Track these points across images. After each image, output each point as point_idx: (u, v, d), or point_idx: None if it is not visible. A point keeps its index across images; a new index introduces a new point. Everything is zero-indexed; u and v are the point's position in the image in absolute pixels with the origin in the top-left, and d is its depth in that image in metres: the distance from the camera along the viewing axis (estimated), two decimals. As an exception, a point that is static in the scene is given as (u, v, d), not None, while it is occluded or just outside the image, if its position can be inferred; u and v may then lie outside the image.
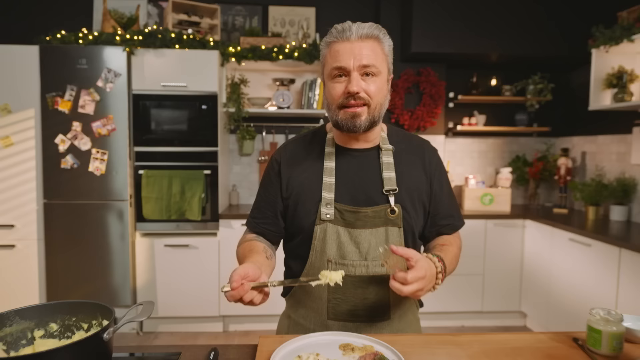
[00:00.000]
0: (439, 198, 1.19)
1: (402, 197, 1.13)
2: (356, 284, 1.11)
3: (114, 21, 3.19)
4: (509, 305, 3.42)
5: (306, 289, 1.16)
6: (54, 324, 0.94)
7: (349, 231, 1.11)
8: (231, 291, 0.92)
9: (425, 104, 3.68)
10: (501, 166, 3.94)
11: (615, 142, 3.32)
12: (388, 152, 1.16)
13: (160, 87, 3.07)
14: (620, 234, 2.66)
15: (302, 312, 1.19)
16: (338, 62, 1.05)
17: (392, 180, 1.13)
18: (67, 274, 3.02)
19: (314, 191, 1.13)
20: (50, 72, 2.95)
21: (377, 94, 1.07)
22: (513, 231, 3.37)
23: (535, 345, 1.02)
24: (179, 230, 3.13)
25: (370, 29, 1.06)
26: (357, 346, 0.96)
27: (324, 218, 1.11)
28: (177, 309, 3.17)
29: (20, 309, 0.91)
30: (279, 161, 1.20)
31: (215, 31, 3.36)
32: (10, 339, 0.89)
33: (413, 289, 0.93)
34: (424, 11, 3.37)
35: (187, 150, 3.12)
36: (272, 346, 0.96)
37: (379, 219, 1.11)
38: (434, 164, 1.20)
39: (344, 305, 1.12)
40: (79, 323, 0.95)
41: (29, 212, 3.01)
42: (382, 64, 1.08)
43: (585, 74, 3.41)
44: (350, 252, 1.11)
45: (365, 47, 1.05)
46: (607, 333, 0.95)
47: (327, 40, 1.09)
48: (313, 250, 1.13)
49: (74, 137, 2.97)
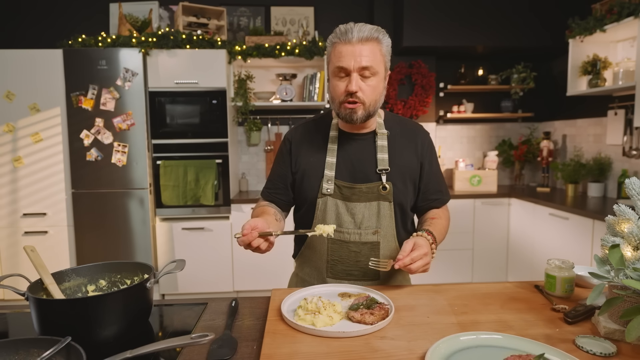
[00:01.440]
0: (428, 176, 1.31)
1: (393, 176, 1.24)
2: (350, 248, 1.25)
3: (130, 25, 3.31)
4: (497, 277, 3.56)
5: (311, 252, 1.31)
6: (103, 280, 1.08)
7: (346, 204, 1.24)
8: (242, 237, 1.05)
9: (417, 94, 3.79)
10: (488, 150, 4.05)
11: (592, 125, 3.43)
12: (383, 136, 1.26)
13: (174, 84, 3.19)
14: (595, 208, 2.79)
15: (307, 271, 1.34)
16: (340, 63, 1.14)
17: (384, 161, 1.24)
18: (95, 256, 3.18)
19: (317, 169, 1.26)
20: (74, 73, 3.07)
21: (372, 93, 1.16)
22: (499, 209, 3.50)
23: (502, 291, 1.15)
24: (195, 214, 3.28)
25: (371, 32, 1.13)
26: (353, 293, 1.11)
27: (324, 192, 1.24)
28: (195, 286, 3.33)
29: (76, 267, 1.06)
30: (290, 140, 1.33)
31: (222, 31, 3.47)
32: (69, 292, 1.04)
33: (421, 264, 1.08)
34: (414, 7, 3.46)
35: (200, 141, 3.26)
36: (282, 296, 1.10)
37: (372, 194, 1.23)
38: (425, 146, 1.31)
39: (340, 265, 1.26)
40: (124, 279, 1.09)
41: (59, 201, 3.16)
42: (380, 65, 1.15)
43: (564, 62, 3.51)
44: (347, 222, 1.24)
45: (365, 50, 1.12)
46: (560, 278, 1.08)
47: (332, 40, 1.17)
48: (316, 219, 1.26)
49: (97, 132, 3.10)
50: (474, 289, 1.17)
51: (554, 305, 1.02)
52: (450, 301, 1.08)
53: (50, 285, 0.97)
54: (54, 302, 0.88)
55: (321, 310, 0.94)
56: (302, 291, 1.12)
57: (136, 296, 0.94)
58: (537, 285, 1.18)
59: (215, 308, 1.11)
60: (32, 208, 3.14)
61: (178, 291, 3.32)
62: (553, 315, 0.98)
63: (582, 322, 0.94)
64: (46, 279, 0.97)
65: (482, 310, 1.02)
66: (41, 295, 0.96)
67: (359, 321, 0.93)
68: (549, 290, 1.11)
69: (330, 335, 0.88)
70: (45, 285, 0.97)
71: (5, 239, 3.15)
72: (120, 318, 0.90)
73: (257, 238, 1.05)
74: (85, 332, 0.86)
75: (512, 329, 0.91)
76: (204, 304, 1.14)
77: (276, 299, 1.09)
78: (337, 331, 0.89)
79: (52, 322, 0.86)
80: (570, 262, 1.11)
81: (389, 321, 0.94)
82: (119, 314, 0.90)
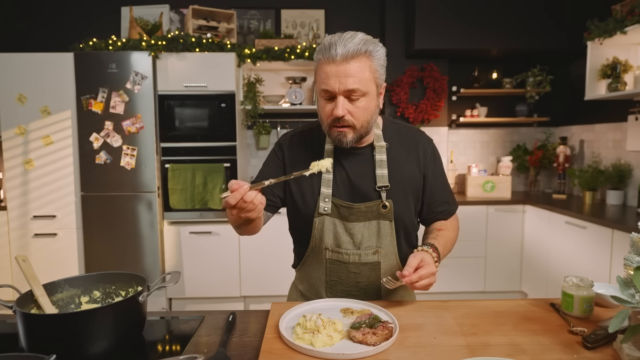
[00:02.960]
0: (433, 187, 1.22)
1: (394, 192, 1.15)
2: (350, 269, 1.17)
3: (140, 28, 3.31)
4: (510, 286, 3.45)
5: (309, 269, 1.24)
6: (97, 291, 1.05)
7: (344, 224, 1.16)
8: (231, 193, 0.90)
9: (429, 97, 3.71)
10: (502, 155, 3.95)
11: (611, 130, 3.31)
12: (381, 150, 1.17)
13: (183, 88, 3.18)
14: (614, 216, 2.68)
15: (307, 287, 1.27)
16: (325, 85, 1.04)
17: (384, 177, 1.15)
18: (104, 259, 3.17)
19: (313, 185, 1.17)
20: (84, 76, 3.08)
21: (362, 115, 1.07)
22: (513, 216, 3.40)
23: (515, 309, 1.08)
24: (203, 218, 3.26)
25: (357, 45, 1.01)
26: (356, 310, 1.05)
27: (321, 212, 1.16)
28: (202, 290, 3.30)
29: (69, 278, 1.02)
30: (283, 148, 1.24)
31: (231, 34, 3.45)
32: (62, 303, 1.00)
33: (425, 283, 1.01)
34: (426, 10, 3.39)
35: (208, 145, 3.23)
36: (282, 310, 1.05)
37: (371, 213, 1.15)
38: (428, 155, 1.21)
39: (339, 286, 1.20)
40: (118, 291, 1.05)
41: (69, 204, 3.17)
42: (369, 84, 1.05)
43: (582, 65, 3.40)
44: (345, 242, 1.16)
45: (351, 69, 1.01)
46: (579, 297, 1.01)
47: (317, 57, 1.07)
48: (313, 239, 1.19)
49: (106, 135, 3.10)
50: (485, 306, 1.10)
51: (572, 327, 0.95)
52: (459, 320, 1.02)
53: (41, 297, 0.94)
54: (40, 318, 0.84)
55: (320, 329, 0.89)
56: (302, 306, 1.07)
57: (128, 310, 0.90)
58: (553, 304, 1.10)
59: (212, 322, 1.07)
60: (42, 210, 3.16)
61: (185, 295, 3.30)
62: (570, 339, 0.91)
63: (602, 347, 0.87)
64: (37, 291, 0.94)
65: (493, 331, 0.95)
66: (31, 307, 0.93)
67: (361, 341, 0.87)
68: (566, 309, 1.04)
69: (329, 357, 0.83)
70: (35, 297, 0.94)
71: (15, 240, 3.17)
72: (111, 333, 0.86)
73: (249, 191, 0.91)
74: (74, 348, 0.83)
75: (525, 354, 0.85)
76: (200, 317, 1.09)
77: (275, 314, 1.04)
78: (337, 353, 0.83)
79: (39, 337, 0.83)
80: (589, 280, 1.04)
81: (392, 342, 0.89)
82: (110, 329, 0.86)
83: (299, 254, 1.28)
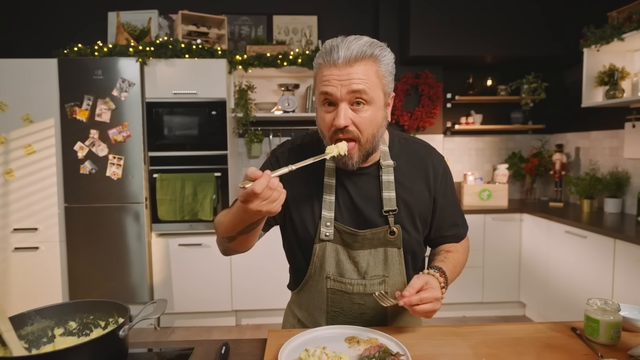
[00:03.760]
0: (443, 211, 1.11)
1: (402, 217, 1.04)
2: (354, 300, 1.06)
3: (127, 33, 3.20)
4: (508, 296, 3.38)
5: (309, 297, 1.11)
6: (73, 322, 0.93)
7: (348, 251, 1.05)
8: (254, 180, 0.78)
9: (424, 105, 3.65)
10: (498, 163, 3.90)
11: (607, 138, 3.27)
12: (389, 170, 1.05)
13: (172, 95, 3.07)
14: (614, 225, 2.62)
15: (305, 315, 1.15)
16: (325, 88, 0.92)
17: (392, 200, 1.03)
18: (88, 274, 3.03)
19: (314, 207, 1.05)
20: (69, 83, 2.96)
21: (368, 127, 0.93)
22: (511, 225, 3.34)
23: (535, 335, 0.99)
24: (192, 230, 3.13)
25: (362, 48, 0.90)
26: (362, 339, 0.95)
27: (323, 237, 1.04)
28: (192, 305, 3.17)
29: (40, 308, 0.91)
30: (279, 161, 1.10)
31: (222, 41, 3.36)
32: (32, 337, 0.89)
33: (428, 308, 0.90)
34: (421, 16, 3.34)
35: (199, 154, 3.12)
36: (280, 340, 0.95)
37: (377, 240, 1.04)
38: (439, 175, 1.09)
39: (342, 317, 1.08)
40: (97, 321, 0.94)
41: (51, 216, 3.02)
42: (376, 90, 0.92)
43: (577, 72, 3.38)
44: (349, 271, 1.05)
45: (354, 73, 0.89)
46: (605, 322, 0.93)
47: (317, 61, 0.95)
48: (312, 266, 1.07)
49: (91, 144, 2.97)
50: (502, 331, 1.01)
51: (600, 356, 0.86)
52: (476, 349, 0.92)
53: (6, 332, 0.82)
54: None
55: (325, 366, 0.79)
56: (302, 335, 0.96)
57: (107, 347, 0.79)
58: (575, 328, 1.02)
59: (202, 354, 0.96)
60: (23, 223, 3.00)
61: (174, 310, 3.16)
62: (602, 372, 0.83)
63: (638, 381, 0.79)
64: (2, 326, 0.82)
65: (516, 362, 0.86)
66: (-5, 344, 0.81)
67: (371, 380, 0.78)
68: (590, 335, 0.95)
69: (337, 401, 0.73)
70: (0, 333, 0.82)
71: (-6, 255, 3.01)
72: (86, 374, 0.75)
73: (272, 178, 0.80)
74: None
75: (556, 392, 0.75)
76: (190, 349, 0.98)
77: (273, 345, 0.94)
78: (345, 395, 0.73)
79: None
80: (616, 304, 0.95)
81: (406, 379, 0.79)
82: (85, 369, 0.75)
83: (296, 279, 1.16)
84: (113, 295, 3.02)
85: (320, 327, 1.00)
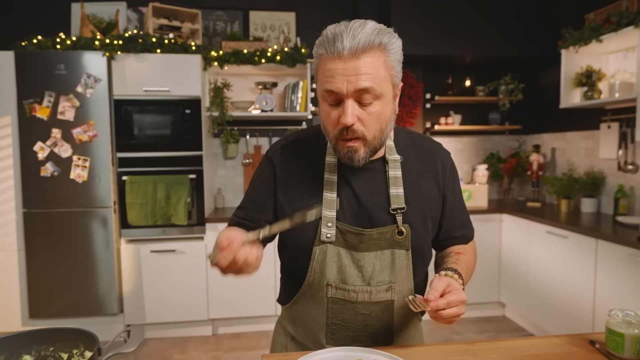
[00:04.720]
0: (452, 209, 1.03)
1: (410, 216, 0.95)
2: (358, 310, 0.95)
3: (93, 26, 2.97)
4: (488, 297, 3.36)
5: (305, 309, 1.00)
6: (28, 355, 0.78)
7: (351, 253, 0.94)
8: (221, 253, 0.78)
9: (404, 104, 3.59)
10: (477, 163, 3.89)
11: (583, 138, 3.31)
12: (395, 164, 0.96)
13: (142, 92, 2.87)
14: (594, 225, 2.63)
15: (301, 331, 1.03)
16: (328, 85, 0.83)
17: (399, 197, 0.94)
18: (50, 285, 2.79)
19: (313, 206, 0.92)
20: (27, 78, 2.71)
21: (375, 123, 0.86)
22: (491, 225, 3.32)
23: (553, 350, 0.91)
24: (165, 235, 2.94)
25: (370, 37, 0.80)
26: (370, 363, 0.84)
27: (324, 239, 0.93)
28: (166, 315, 2.98)
29: (-12, 341, 0.75)
30: (273, 162, 1.00)
31: (196, 36, 3.18)
32: (-24, 377, 0.73)
33: (454, 312, 0.81)
34: (402, 14, 3.28)
35: (171, 155, 2.94)
36: (277, 367, 0.82)
37: (384, 241, 0.94)
38: (447, 171, 1.02)
39: (344, 331, 0.97)
40: (58, 353, 0.79)
41: (8, 222, 2.77)
42: (385, 84, 0.84)
43: (553, 73, 3.40)
44: (352, 276, 0.94)
45: (362, 66, 0.81)
46: (630, 336, 0.85)
47: (318, 51, 0.86)
48: (311, 272, 0.95)
49: (53, 144, 2.74)
50: (519, 348, 0.93)
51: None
52: (495, 370, 0.83)
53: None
54: None
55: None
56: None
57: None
58: (593, 342, 0.94)
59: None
60: (-25, 230, 2.73)
61: (146, 321, 2.95)
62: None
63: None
64: None
65: (542, 386, 0.78)
66: None
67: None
68: (614, 350, 0.88)
69: None
70: None
71: (-58, 266, 2.72)
72: None
73: (242, 247, 0.80)
74: None
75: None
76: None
77: (269, 373, 0.82)
78: None
79: None
80: None
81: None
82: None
83: (290, 290, 1.03)
84: (79, 307, 2.80)
85: (322, 350, 0.88)
